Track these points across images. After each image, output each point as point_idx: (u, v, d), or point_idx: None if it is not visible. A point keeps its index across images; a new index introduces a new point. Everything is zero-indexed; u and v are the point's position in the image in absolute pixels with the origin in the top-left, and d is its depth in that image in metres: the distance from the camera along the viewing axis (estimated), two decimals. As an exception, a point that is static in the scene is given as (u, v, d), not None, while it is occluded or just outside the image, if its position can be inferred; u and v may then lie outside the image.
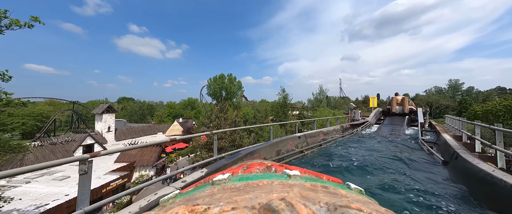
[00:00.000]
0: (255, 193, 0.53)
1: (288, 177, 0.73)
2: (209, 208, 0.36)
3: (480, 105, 48.69)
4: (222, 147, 14.17)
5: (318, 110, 29.06)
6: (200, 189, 0.74)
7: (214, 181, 0.73)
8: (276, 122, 30.27)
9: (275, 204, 0.35)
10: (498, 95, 56.12)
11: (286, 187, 0.63)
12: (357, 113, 15.71)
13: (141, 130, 37.17)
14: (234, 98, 60.87)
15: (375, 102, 17.49)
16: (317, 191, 0.60)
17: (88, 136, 26.77)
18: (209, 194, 0.63)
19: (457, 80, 68.51)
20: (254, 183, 0.67)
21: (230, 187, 0.67)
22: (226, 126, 15.66)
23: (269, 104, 40.47)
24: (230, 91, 58.36)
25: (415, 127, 13.95)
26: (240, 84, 61.86)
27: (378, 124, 15.47)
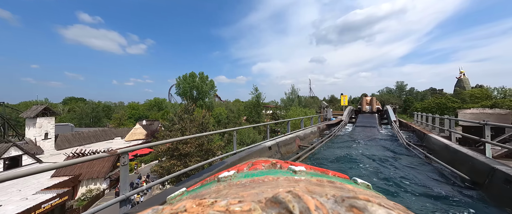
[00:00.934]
0: (261, 188, 0.54)
1: (293, 173, 0.72)
2: (216, 201, 0.36)
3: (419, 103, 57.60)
4: (187, 153, 12.22)
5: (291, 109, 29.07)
6: (206, 186, 0.74)
7: (220, 178, 0.73)
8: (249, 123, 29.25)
9: (282, 196, 0.35)
10: (431, 95, 66.90)
11: (292, 182, 0.63)
12: (329, 111, 15.33)
13: (92, 136, 31.32)
14: (206, 98, 57.49)
15: (346, 101, 17.87)
16: (324, 186, 0.60)
17: (13, 145, 20.87)
18: (215, 191, 0.63)
19: (402, 82, 79.47)
20: (260, 179, 0.67)
21: (235, 184, 0.67)
22: (193, 129, 13.68)
23: (243, 104, 39.14)
24: (201, 91, 54.76)
25: (385, 124, 14.49)
26: (212, 83, 58.73)
27: (351, 122, 15.51)
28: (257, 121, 24.44)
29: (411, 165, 4.81)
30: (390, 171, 4.34)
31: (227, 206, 0.34)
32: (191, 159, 11.97)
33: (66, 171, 20.22)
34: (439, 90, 72.61)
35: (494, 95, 45.98)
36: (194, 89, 55.68)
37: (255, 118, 24.67)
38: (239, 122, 30.43)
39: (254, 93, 25.76)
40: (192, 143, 12.54)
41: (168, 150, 12.43)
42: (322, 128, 10.79)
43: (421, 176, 4.13)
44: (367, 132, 10.44)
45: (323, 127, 11.17)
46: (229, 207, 0.34)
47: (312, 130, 9.16)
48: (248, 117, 27.11)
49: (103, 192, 20.03)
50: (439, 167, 4.56)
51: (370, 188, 0.72)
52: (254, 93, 25.68)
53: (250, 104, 26.37)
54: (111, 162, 22.14)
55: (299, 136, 7.49)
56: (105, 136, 33.53)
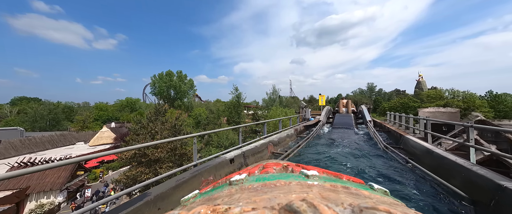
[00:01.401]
0: (273, 194, 0.52)
1: (306, 177, 0.70)
2: (229, 208, 0.36)
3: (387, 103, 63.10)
4: (158, 159, 10.92)
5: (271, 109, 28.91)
6: (218, 189, 0.74)
7: (232, 181, 0.73)
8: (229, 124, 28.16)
9: (296, 205, 0.34)
10: (396, 96, 73.78)
11: (305, 187, 0.61)
12: (307, 111, 15.22)
13: (47, 141, 27.07)
14: (185, 98, 54.57)
15: (324, 101, 18.14)
16: (338, 192, 0.57)
17: None
18: (228, 194, 0.63)
19: (372, 83, 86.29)
20: (272, 184, 0.66)
21: (247, 187, 0.66)
22: (164, 132, 12.35)
23: (223, 105, 37.85)
24: (179, 90, 51.75)
25: (360, 124, 14.78)
26: (191, 83, 55.96)
27: (329, 122, 15.48)
28: (237, 121, 23.64)
29: (393, 175, 4.38)
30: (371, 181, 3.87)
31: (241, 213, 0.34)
32: (162, 166, 10.74)
33: (9, 184, 16.92)
34: (402, 91, 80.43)
35: (446, 96, 52.27)
36: (171, 89, 52.33)
37: (235, 118, 23.82)
38: (218, 123, 29.20)
39: (234, 93, 24.91)
40: (163, 148, 11.26)
41: (134, 156, 10.95)
42: (299, 130, 10.14)
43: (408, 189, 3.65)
44: (344, 134, 10.18)
45: (300, 128, 10.51)
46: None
47: (289, 133, 8.23)
48: (228, 118, 26.11)
49: (59, 206, 17.23)
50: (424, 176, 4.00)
51: (388, 195, 0.67)
52: (234, 93, 24.82)
53: (230, 104, 25.42)
54: (69, 171, 19.22)
55: (273, 141, 6.45)
56: (64, 141, 29.34)
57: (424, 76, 74.23)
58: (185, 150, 12.14)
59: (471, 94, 49.00)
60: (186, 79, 55.10)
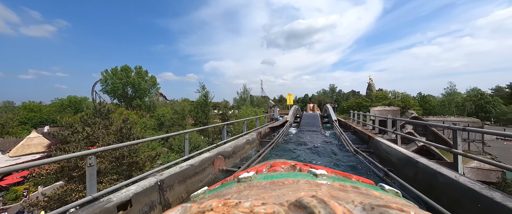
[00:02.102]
0: (282, 191, 0.52)
1: (314, 176, 0.69)
2: (240, 202, 0.36)
3: (345, 102, 70.38)
4: (99, 170, 8.66)
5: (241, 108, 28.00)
6: (227, 186, 0.74)
7: (240, 178, 0.72)
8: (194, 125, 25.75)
9: (306, 201, 0.34)
10: (352, 96, 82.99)
11: (313, 186, 0.60)
12: (276, 111, 14.69)
13: None
14: (146, 97, 48.61)
15: (291, 100, 18.21)
16: (348, 191, 0.56)
17: None
18: (237, 191, 0.63)
19: (334, 84, 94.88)
20: (280, 181, 0.65)
21: (256, 185, 0.66)
22: (108, 137, 9.98)
23: (189, 104, 34.92)
24: (139, 88, 45.72)
25: (325, 123, 14.60)
26: (154, 80, 50.24)
27: (297, 122, 14.99)
28: (204, 122, 21.85)
29: None
30: None
31: (251, 207, 0.34)
32: (103, 179, 8.54)
33: None
34: (357, 92, 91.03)
35: (389, 96, 61.12)
36: (128, 86, 45.75)
37: (202, 119, 21.93)
38: (183, 124, 26.59)
39: (201, 92, 22.88)
40: (105, 156, 9.02)
41: (62, 170, 8.38)
42: (264, 133, 8.75)
43: None
44: (312, 137, 9.34)
45: (265, 131, 9.06)
46: (253, 209, 0.33)
47: (249, 138, 6.59)
48: (195, 118, 23.95)
49: None
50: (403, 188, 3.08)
51: (399, 196, 0.65)
52: (201, 91, 22.81)
53: (197, 104, 23.31)
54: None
55: (224, 153, 4.74)
56: (-34, 153, 21.99)
57: (373, 80, 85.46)
58: (136, 158, 10.06)
59: (407, 96, 58.81)
60: (148, 76, 49.16)
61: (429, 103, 54.82)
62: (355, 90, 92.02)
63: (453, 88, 50.70)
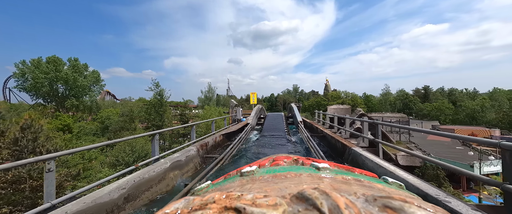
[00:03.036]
0: (284, 184, 0.52)
1: (317, 170, 0.68)
2: (242, 194, 0.37)
3: (307, 102, 75.88)
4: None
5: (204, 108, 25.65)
6: (230, 180, 0.74)
7: (243, 172, 0.72)
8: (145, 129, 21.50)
9: (308, 192, 0.34)
10: (312, 96, 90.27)
11: (316, 179, 0.60)
12: (238, 111, 13.05)
13: None
14: (86, 96, 39.58)
15: (255, 99, 17.06)
16: (351, 184, 0.55)
17: None
18: (239, 185, 0.63)
19: (296, 85, 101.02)
20: (282, 175, 0.65)
21: (258, 179, 0.66)
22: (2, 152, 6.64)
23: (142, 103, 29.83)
24: (74, 85, 36.70)
25: (290, 124, 13.20)
26: (97, 75, 41.38)
27: (260, 124, 13.37)
28: (158, 125, 18.59)
29: None
30: None
31: (253, 199, 0.34)
32: None
33: None
34: (316, 92, 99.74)
35: (342, 96, 68.91)
36: (59, 83, 36.12)
37: (156, 121, 18.59)
38: (132, 127, 22.27)
39: (154, 90, 19.26)
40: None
41: None
42: (213, 144, 6.51)
43: None
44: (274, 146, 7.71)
45: (215, 140, 6.74)
46: (255, 201, 0.34)
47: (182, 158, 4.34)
48: (147, 121, 20.20)
49: None
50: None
51: (403, 188, 0.63)
52: (155, 89, 19.19)
53: (149, 104, 19.59)
54: None
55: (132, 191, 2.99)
56: None
57: (329, 81, 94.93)
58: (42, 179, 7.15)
59: (355, 95, 67.70)
60: (87, 70, 40.10)
61: (371, 102, 64.49)
62: (315, 90, 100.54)
63: (387, 89, 61.00)
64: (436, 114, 49.60)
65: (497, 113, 41.33)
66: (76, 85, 36.89)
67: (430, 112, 50.65)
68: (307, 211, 0.30)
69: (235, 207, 0.32)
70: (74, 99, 37.34)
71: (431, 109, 51.08)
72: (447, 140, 32.19)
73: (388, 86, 60.35)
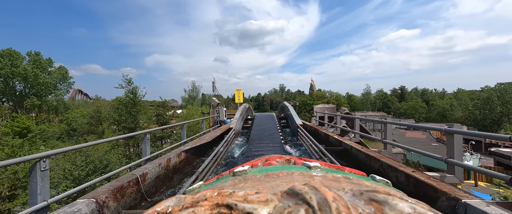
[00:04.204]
0: (276, 182, 0.54)
1: (308, 168, 0.70)
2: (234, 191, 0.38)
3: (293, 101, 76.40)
4: None
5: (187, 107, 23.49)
6: (222, 180, 0.74)
7: (235, 172, 0.72)
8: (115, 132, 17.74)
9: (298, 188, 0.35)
10: (298, 95, 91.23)
11: (307, 177, 0.61)
12: (221, 111, 10.46)
13: None
14: (51, 95, 34.73)
15: (241, 97, 14.27)
16: (340, 181, 0.58)
17: None
18: (231, 184, 0.63)
19: (283, 84, 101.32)
20: (274, 174, 0.66)
21: (251, 178, 0.66)
22: None
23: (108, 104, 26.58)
24: (36, 83, 31.87)
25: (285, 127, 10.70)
26: (64, 72, 36.57)
27: (247, 127, 10.57)
28: (131, 128, 16.17)
29: None
30: None
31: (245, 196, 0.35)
32: None
33: None
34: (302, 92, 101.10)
35: (327, 96, 70.24)
36: (16, 80, 31.04)
37: (128, 123, 16.09)
38: (99, 131, 19.31)
39: (126, 88, 16.57)
40: None
41: None
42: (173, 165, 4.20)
43: None
44: None
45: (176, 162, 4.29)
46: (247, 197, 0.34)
47: None
48: (117, 123, 17.52)
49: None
50: None
51: (389, 185, 0.66)
52: (127, 87, 16.51)
53: (120, 103, 16.89)
54: None
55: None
56: None
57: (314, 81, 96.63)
58: None
59: (339, 95, 69.47)
60: (52, 66, 35.22)
61: (353, 101, 66.63)
62: (301, 90, 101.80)
63: (368, 89, 63.37)
64: (412, 112, 52.53)
65: (463, 112, 44.83)
66: (37, 82, 32.09)
67: (406, 111, 53.51)
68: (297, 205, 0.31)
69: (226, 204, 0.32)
70: (35, 99, 32.49)
71: (407, 107, 54.00)
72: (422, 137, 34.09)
73: (369, 86, 62.70)
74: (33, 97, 32.11)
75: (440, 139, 31.47)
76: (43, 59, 33.50)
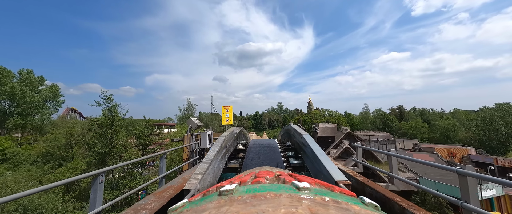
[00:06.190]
0: (262, 207, 0.52)
1: (297, 190, 0.67)
2: None
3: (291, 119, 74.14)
4: None
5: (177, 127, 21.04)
6: (208, 198, 0.71)
7: (222, 191, 0.70)
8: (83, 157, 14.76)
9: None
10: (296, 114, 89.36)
11: (295, 201, 0.58)
12: (204, 136, 7.21)
13: None
14: (37, 115, 32.35)
15: (230, 117, 10.74)
16: (328, 207, 0.55)
17: None
18: (216, 206, 0.60)
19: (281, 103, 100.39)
20: (262, 195, 0.63)
21: (237, 199, 0.63)
22: None
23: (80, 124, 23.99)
24: (22, 102, 29.82)
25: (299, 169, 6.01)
26: (55, 90, 34.83)
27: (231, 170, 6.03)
28: (104, 152, 13.57)
29: None
30: None
31: None
32: None
33: None
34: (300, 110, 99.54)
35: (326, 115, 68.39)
36: (1, 98, 29.03)
37: (102, 147, 13.43)
38: (69, 156, 16.54)
39: (104, 105, 14.26)
40: None
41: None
42: None
43: None
44: None
45: None
46: None
47: None
48: (88, 146, 14.89)
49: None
50: None
51: (378, 209, 0.65)
52: (105, 105, 14.19)
53: (94, 124, 14.36)
54: None
55: None
56: None
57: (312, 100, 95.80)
58: None
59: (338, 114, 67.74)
60: (44, 84, 33.63)
61: (353, 120, 64.52)
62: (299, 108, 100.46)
63: (367, 108, 61.87)
64: (413, 132, 50.12)
65: (467, 132, 42.61)
66: (24, 101, 30.03)
67: (408, 130, 51.15)
68: None
69: None
70: (19, 118, 30.00)
71: (408, 127, 51.75)
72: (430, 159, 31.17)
73: (367, 105, 61.34)
74: (16, 117, 29.66)
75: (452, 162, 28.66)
76: (34, 77, 32.00)
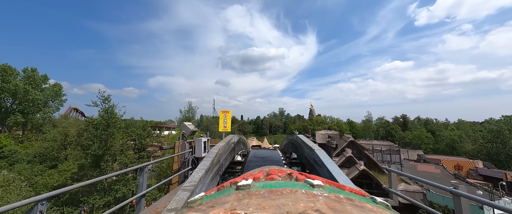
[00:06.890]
0: (281, 201, 0.53)
1: (311, 187, 0.69)
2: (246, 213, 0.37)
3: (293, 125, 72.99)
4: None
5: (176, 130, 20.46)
6: (225, 192, 0.71)
7: (239, 186, 0.71)
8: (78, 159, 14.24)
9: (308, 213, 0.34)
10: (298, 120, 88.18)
11: (311, 197, 0.59)
12: (199, 142, 6.31)
13: None
14: (38, 113, 32.22)
15: (228, 123, 9.81)
16: (344, 203, 0.56)
17: None
18: (235, 199, 0.61)
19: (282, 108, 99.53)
20: (278, 191, 0.64)
21: (254, 193, 0.64)
22: None
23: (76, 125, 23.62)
24: (25, 100, 29.77)
25: None
26: (58, 89, 34.84)
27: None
28: (99, 155, 13.04)
29: None
30: None
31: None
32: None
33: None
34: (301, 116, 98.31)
35: (327, 122, 67.21)
36: (4, 95, 29.04)
37: (96, 149, 12.92)
38: (63, 157, 16.05)
39: (100, 106, 13.89)
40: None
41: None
42: None
43: None
44: None
45: None
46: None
47: None
48: (81, 148, 14.40)
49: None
50: None
51: (389, 209, 0.66)
52: (101, 105, 13.83)
53: (90, 125, 13.92)
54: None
55: None
56: None
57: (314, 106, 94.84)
58: None
59: (340, 121, 66.48)
60: (47, 83, 33.71)
61: (355, 128, 63.18)
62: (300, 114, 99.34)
63: (369, 116, 60.63)
64: (417, 142, 48.65)
65: (473, 144, 41.13)
66: (26, 99, 29.97)
67: (412, 140, 49.72)
68: None
69: None
70: (20, 116, 29.84)
71: (412, 137, 50.33)
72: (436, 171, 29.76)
73: (370, 113, 60.10)
74: (17, 114, 29.50)
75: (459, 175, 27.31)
76: (37, 76, 32.06)
